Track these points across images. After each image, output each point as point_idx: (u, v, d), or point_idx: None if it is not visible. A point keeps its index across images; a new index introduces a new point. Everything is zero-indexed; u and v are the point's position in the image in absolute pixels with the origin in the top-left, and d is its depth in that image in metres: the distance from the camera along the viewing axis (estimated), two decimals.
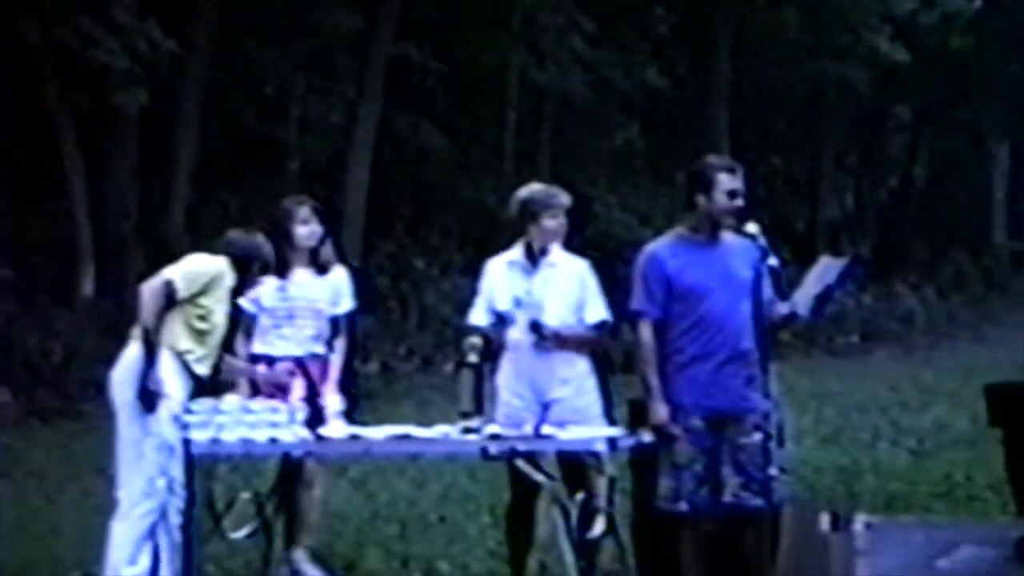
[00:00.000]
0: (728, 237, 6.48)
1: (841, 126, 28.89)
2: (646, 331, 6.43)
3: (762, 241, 6.44)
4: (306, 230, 7.46)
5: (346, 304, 7.57)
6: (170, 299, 6.66)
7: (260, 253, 7.05)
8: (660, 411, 6.37)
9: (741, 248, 6.45)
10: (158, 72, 16.40)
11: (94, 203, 16.96)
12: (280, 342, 7.45)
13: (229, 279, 6.86)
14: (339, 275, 7.57)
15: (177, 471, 6.66)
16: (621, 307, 6.80)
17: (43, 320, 16.14)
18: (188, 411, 6.72)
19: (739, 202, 6.42)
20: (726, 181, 6.40)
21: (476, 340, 6.91)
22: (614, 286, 7.16)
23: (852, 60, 25.20)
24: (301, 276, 7.49)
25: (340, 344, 7.52)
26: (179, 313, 6.71)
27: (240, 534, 7.23)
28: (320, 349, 7.43)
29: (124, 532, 6.63)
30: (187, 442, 6.68)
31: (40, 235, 17.38)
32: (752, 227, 6.44)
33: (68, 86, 16.64)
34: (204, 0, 18.19)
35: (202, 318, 6.75)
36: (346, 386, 7.45)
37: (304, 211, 7.51)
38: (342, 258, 7.66)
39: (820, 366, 20.18)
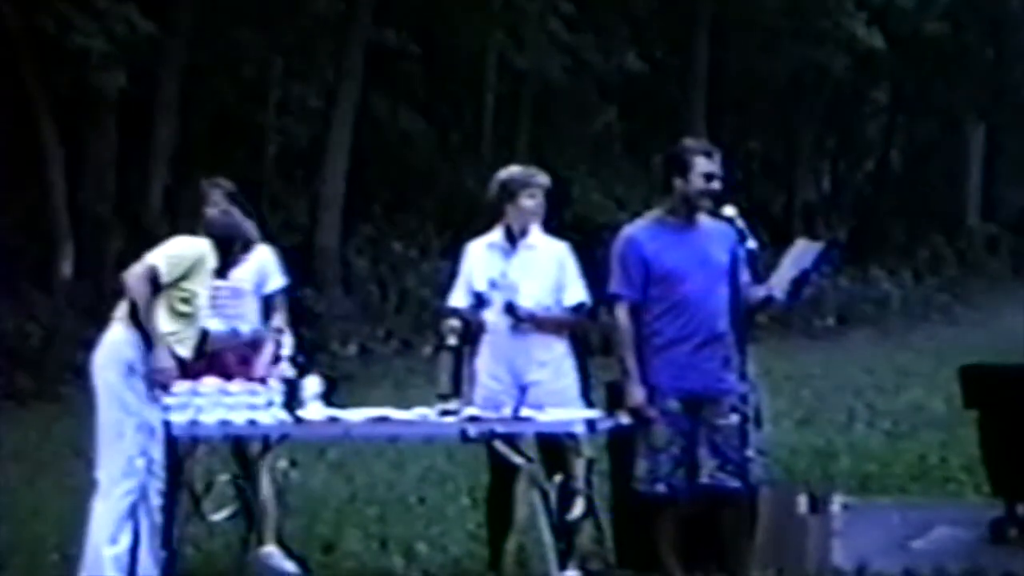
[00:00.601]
0: (705, 220, 6.52)
1: (818, 110, 28.96)
2: (623, 314, 6.47)
3: (740, 224, 6.47)
4: (215, 212, 7.30)
5: (276, 281, 7.45)
6: (154, 284, 6.68)
7: (241, 231, 7.06)
8: (637, 393, 6.41)
9: (718, 231, 6.49)
10: (137, 54, 16.37)
11: (72, 186, 16.95)
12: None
13: (211, 260, 6.87)
14: (263, 255, 7.40)
15: (157, 452, 6.68)
16: (599, 290, 6.83)
17: (21, 302, 16.13)
18: (168, 393, 6.74)
19: (716, 185, 6.45)
20: (703, 164, 6.44)
21: (455, 323, 6.93)
22: (592, 269, 7.19)
23: (829, 45, 25.25)
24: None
25: (278, 321, 7.39)
26: (162, 296, 6.72)
27: (219, 516, 7.26)
28: (245, 327, 7.27)
29: (104, 512, 6.66)
30: (167, 424, 6.71)
31: (18, 217, 17.35)
32: (729, 210, 6.48)
33: (46, 69, 16.60)
34: None
35: (185, 301, 6.77)
36: (297, 361, 7.34)
37: (216, 194, 7.39)
38: (267, 237, 7.44)
39: (797, 348, 20.26)
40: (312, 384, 7.28)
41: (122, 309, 6.82)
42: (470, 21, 21.60)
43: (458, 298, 7.19)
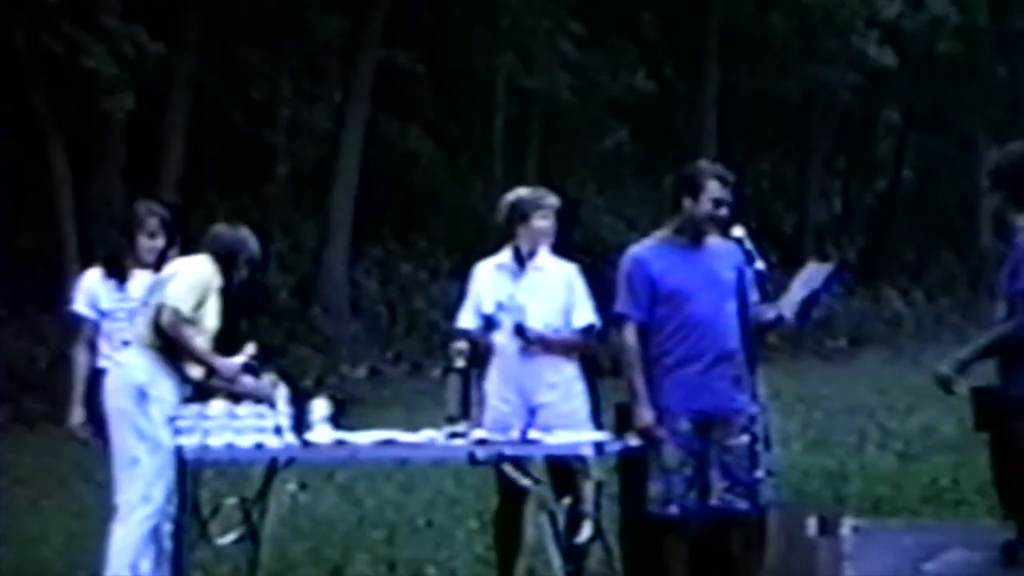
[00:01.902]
0: (712, 240, 6.50)
1: (829, 130, 28.94)
2: (631, 334, 6.44)
3: (748, 245, 6.45)
4: (148, 244, 7.23)
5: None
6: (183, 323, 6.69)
7: (246, 247, 7.02)
8: (646, 415, 6.37)
9: (724, 250, 6.47)
10: (146, 76, 16.38)
11: (81, 208, 16.93)
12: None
13: (216, 281, 6.85)
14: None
15: (169, 476, 6.65)
16: (609, 311, 6.80)
17: (29, 326, 16.12)
18: (176, 416, 6.71)
19: (723, 212, 6.44)
20: (714, 189, 6.42)
21: (463, 345, 6.91)
22: (602, 290, 7.16)
23: (840, 64, 25.24)
24: (142, 278, 7.22)
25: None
26: None
27: (226, 540, 7.21)
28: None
29: (124, 537, 6.62)
30: (178, 447, 6.68)
31: (27, 241, 17.34)
32: (738, 231, 6.46)
33: (55, 92, 16.61)
34: (192, 3, 18.18)
35: (194, 323, 6.75)
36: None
37: (152, 223, 7.29)
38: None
39: (808, 369, 20.20)
40: (320, 407, 7.24)
41: (134, 332, 6.79)
42: (479, 41, 21.62)
43: (467, 320, 7.17)
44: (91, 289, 7.27)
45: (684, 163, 6.78)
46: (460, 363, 6.80)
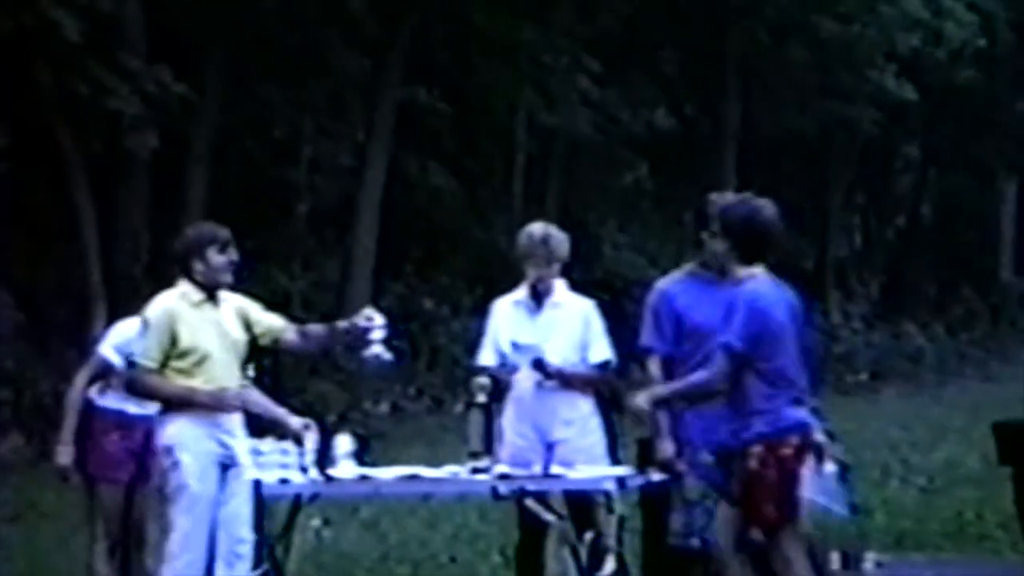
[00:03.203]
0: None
1: (849, 165, 28.93)
2: (655, 367, 6.47)
3: None
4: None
5: None
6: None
7: (205, 236, 6.73)
8: (666, 448, 6.39)
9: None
10: (169, 115, 16.51)
11: (105, 246, 17.04)
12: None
13: (180, 304, 6.64)
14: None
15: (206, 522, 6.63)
16: (630, 345, 6.83)
17: (55, 362, 16.18)
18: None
19: None
20: None
21: (485, 380, 6.94)
22: (623, 325, 7.19)
23: (859, 100, 25.26)
24: None
25: None
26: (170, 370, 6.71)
27: None
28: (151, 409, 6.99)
29: None
30: (256, 482, 6.70)
31: (52, 278, 17.45)
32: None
33: (80, 131, 16.74)
34: (214, 43, 18.32)
35: (187, 354, 6.66)
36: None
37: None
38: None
39: (829, 404, 20.02)
40: (344, 443, 7.28)
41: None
42: (499, 79, 21.71)
43: (486, 356, 7.20)
44: (126, 335, 7.17)
45: (703, 197, 6.83)
46: (481, 398, 6.83)
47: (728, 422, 6.04)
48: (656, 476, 6.48)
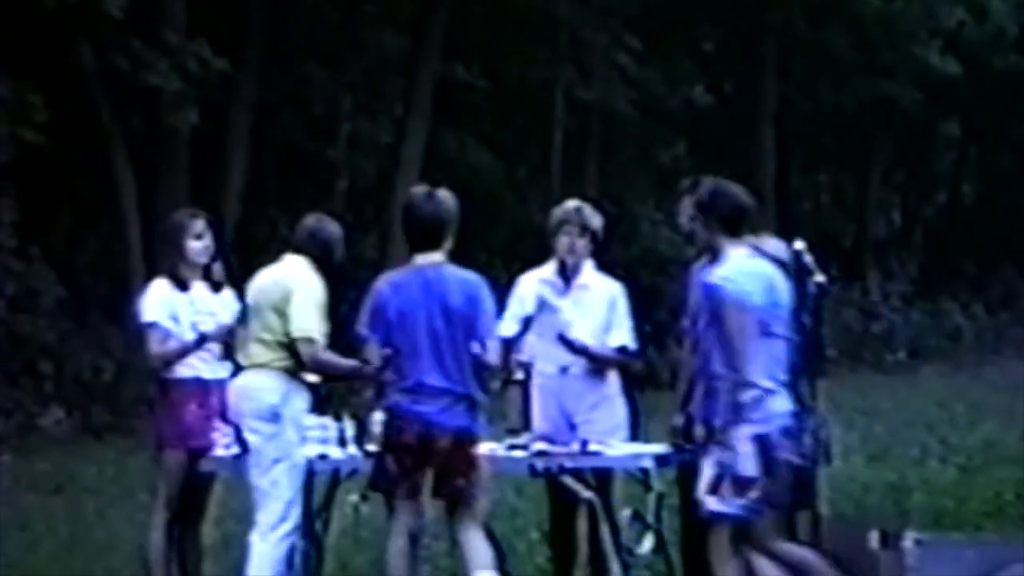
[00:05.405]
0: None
1: (888, 143, 28.77)
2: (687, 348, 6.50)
3: (808, 258, 6.45)
4: (198, 246, 7.15)
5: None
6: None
7: (339, 240, 7.06)
8: (675, 419, 6.48)
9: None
10: (209, 91, 16.56)
11: (146, 221, 17.12)
12: (200, 363, 7.14)
13: (323, 287, 6.85)
14: (229, 295, 7.28)
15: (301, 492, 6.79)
16: (667, 323, 6.85)
17: (96, 338, 16.31)
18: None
19: None
20: None
21: (524, 358, 6.97)
22: (659, 303, 7.20)
23: (900, 77, 25.10)
24: (200, 291, 7.22)
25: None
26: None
27: None
28: (224, 372, 7.12)
29: (266, 553, 6.72)
30: (309, 460, 6.82)
31: (93, 254, 17.56)
32: (798, 244, 6.47)
33: (121, 107, 16.82)
34: (254, 20, 18.37)
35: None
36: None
37: (198, 225, 7.18)
38: (231, 277, 7.32)
39: (868, 383, 20.08)
40: (381, 419, 7.30)
41: (248, 353, 6.82)
42: (538, 56, 21.67)
43: (508, 327, 7.19)
44: (165, 299, 7.16)
45: (742, 177, 6.80)
46: (520, 375, 6.85)
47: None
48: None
